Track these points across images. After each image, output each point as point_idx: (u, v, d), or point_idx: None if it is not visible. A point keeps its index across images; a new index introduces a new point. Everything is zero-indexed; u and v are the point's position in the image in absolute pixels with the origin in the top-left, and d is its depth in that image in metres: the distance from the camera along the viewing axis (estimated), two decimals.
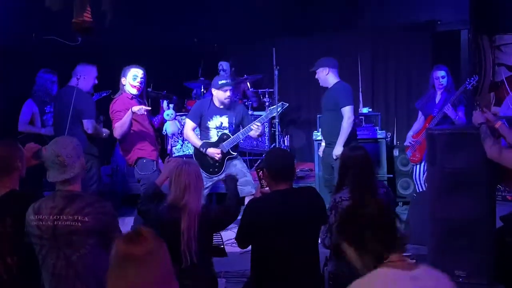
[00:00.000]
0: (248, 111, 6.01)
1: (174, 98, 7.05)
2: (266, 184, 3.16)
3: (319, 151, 5.66)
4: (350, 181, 3.34)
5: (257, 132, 5.15)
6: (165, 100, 6.40)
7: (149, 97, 6.81)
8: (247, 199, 5.02)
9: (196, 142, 5.18)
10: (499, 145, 3.43)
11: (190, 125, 5.23)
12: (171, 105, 5.75)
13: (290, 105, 5.47)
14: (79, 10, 4.13)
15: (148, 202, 3.23)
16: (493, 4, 6.51)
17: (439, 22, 7.31)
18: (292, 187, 3.08)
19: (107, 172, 6.64)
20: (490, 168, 3.55)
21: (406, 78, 7.73)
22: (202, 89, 7.45)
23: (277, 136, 6.19)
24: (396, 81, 7.83)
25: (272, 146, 7.04)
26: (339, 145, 5.01)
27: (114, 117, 4.87)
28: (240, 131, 5.18)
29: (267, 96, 7.42)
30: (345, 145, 4.86)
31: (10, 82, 5.88)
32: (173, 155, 6.65)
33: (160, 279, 1.75)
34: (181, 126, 6.88)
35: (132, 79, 4.91)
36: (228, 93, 5.08)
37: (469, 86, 5.41)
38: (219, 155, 5.06)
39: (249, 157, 7.21)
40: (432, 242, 3.84)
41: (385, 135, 6.45)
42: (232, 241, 3.29)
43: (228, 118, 5.16)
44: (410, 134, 5.83)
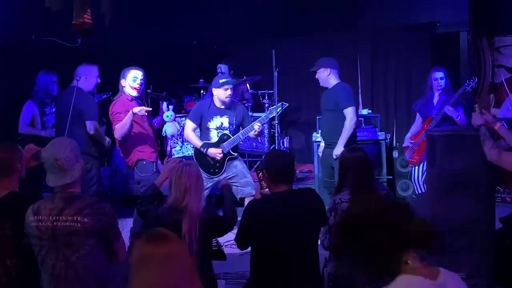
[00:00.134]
0: (248, 111, 6.00)
1: (174, 101, 7.07)
2: (266, 186, 3.16)
3: (319, 151, 5.67)
4: (350, 182, 3.35)
5: (258, 132, 5.15)
6: (164, 102, 6.42)
7: (148, 99, 6.81)
8: (247, 200, 5.02)
9: (196, 143, 5.18)
10: (498, 147, 3.43)
11: (190, 126, 5.23)
12: (171, 107, 5.77)
13: (289, 106, 5.47)
14: (79, 11, 4.12)
15: (148, 203, 3.23)
16: (493, 6, 6.50)
17: (438, 24, 7.32)
18: (292, 188, 3.08)
19: (107, 173, 6.64)
20: (490, 170, 3.55)
21: (405, 80, 7.73)
22: (201, 90, 7.46)
23: (276, 138, 6.19)
24: (395, 82, 7.82)
25: (271, 147, 7.05)
26: (340, 145, 5.00)
27: (114, 118, 4.87)
28: (240, 132, 5.17)
29: (266, 97, 7.42)
30: (345, 146, 4.86)
31: (10, 82, 5.88)
32: (172, 157, 6.65)
33: (184, 278, 1.74)
34: (181, 127, 6.88)
35: (132, 80, 4.91)
36: (229, 92, 5.07)
37: (468, 88, 5.41)
38: (220, 155, 5.06)
39: (249, 159, 7.20)
40: None
41: (384, 137, 6.46)
42: (231, 242, 3.29)
43: (228, 119, 5.16)
44: (408, 136, 5.83)
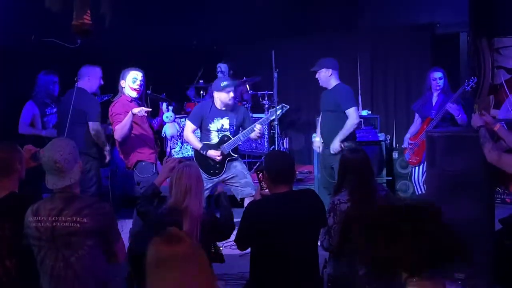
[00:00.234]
0: (248, 112, 5.99)
1: (174, 104, 7.06)
2: (266, 186, 3.16)
3: (314, 146, 5.62)
4: (349, 183, 3.34)
5: (259, 133, 5.15)
6: (164, 103, 6.40)
7: (148, 100, 6.81)
8: (247, 200, 5.02)
9: (196, 144, 5.17)
10: (498, 149, 3.42)
11: (190, 127, 5.22)
12: (170, 108, 5.74)
13: (289, 107, 5.46)
14: (79, 12, 4.12)
15: (147, 203, 3.21)
16: (492, 7, 6.51)
17: (438, 24, 7.33)
18: (292, 189, 3.08)
19: (106, 174, 6.61)
20: (489, 171, 3.55)
21: (405, 80, 7.73)
22: (201, 91, 7.46)
23: (276, 138, 6.18)
24: (395, 83, 7.83)
25: (271, 148, 7.04)
26: (337, 141, 5.03)
27: (114, 120, 4.86)
28: (241, 133, 5.16)
29: (266, 98, 7.42)
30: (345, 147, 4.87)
31: (10, 83, 5.87)
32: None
33: (203, 278, 1.74)
34: (180, 128, 6.87)
35: (131, 81, 4.90)
36: (231, 94, 5.06)
37: (468, 88, 5.40)
38: (219, 157, 5.06)
39: (248, 160, 7.19)
40: None
41: (384, 138, 6.45)
42: (231, 243, 3.28)
43: (229, 120, 5.15)
44: (408, 137, 5.82)
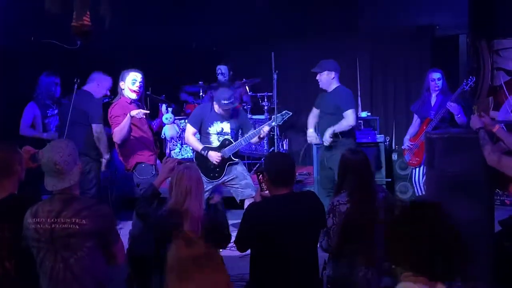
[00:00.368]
0: (247, 115, 5.98)
1: (173, 105, 7.05)
2: (266, 188, 3.15)
3: (310, 138, 5.49)
4: (349, 184, 3.34)
5: (262, 136, 5.14)
6: (163, 104, 6.40)
7: (147, 101, 6.80)
8: (247, 201, 5.01)
9: (197, 146, 5.17)
10: (498, 151, 3.42)
11: (190, 130, 5.22)
12: (170, 109, 5.73)
13: (288, 108, 5.43)
14: (79, 13, 4.12)
15: (147, 205, 3.20)
16: (492, 9, 6.52)
17: (437, 27, 7.34)
18: (292, 191, 3.07)
19: (106, 175, 6.61)
20: (489, 172, 3.55)
21: (405, 82, 7.74)
22: (201, 92, 7.46)
23: (276, 140, 6.19)
24: (395, 85, 7.84)
25: (270, 150, 7.04)
26: (328, 133, 5.09)
27: (113, 122, 4.83)
28: (243, 138, 5.16)
29: (265, 100, 7.42)
30: (345, 147, 4.85)
31: (10, 83, 5.86)
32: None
33: (219, 277, 1.75)
34: (180, 130, 6.88)
35: (131, 83, 4.87)
36: (230, 111, 5.09)
37: (467, 88, 5.41)
38: (219, 158, 5.05)
39: (248, 161, 7.19)
40: None
41: (383, 139, 6.45)
42: (231, 244, 3.28)
43: (229, 124, 5.15)
44: (407, 138, 5.82)
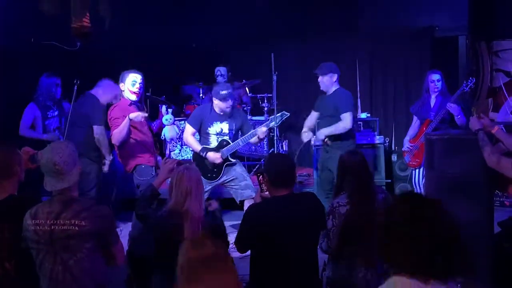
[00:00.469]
0: (247, 116, 5.98)
1: (173, 106, 7.05)
2: (266, 189, 3.15)
3: (303, 137, 5.46)
4: (348, 186, 3.34)
5: (261, 138, 5.14)
6: (163, 105, 6.40)
7: (147, 102, 6.80)
8: (247, 202, 5.01)
9: (196, 147, 5.17)
10: (498, 152, 3.43)
11: (190, 130, 5.22)
12: (170, 110, 5.73)
13: (288, 110, 5.43)
14: (78, 14, 4.13)
15: (146, 205, 3.19)
16: (491, 11, 6.52)
17: (437, 28, 7.34)
18: (292, 192, 3.07)
19: (106, 176, 6.62)
20: (488, 174, 3.55)
21: (404, 83, 7.74)
22: (200, 93, 7.46)
23: (275, 141, 6.19)
24: (394, 86, 7.84)
25: (270, 151, 7.04)
26: (323, 134, 5.16)
27: (112, 124, 4.81)
28: (240, 138, 5.16)
29: (265, 101, 7.42)
30: (344, 149, 4.84)
31: (10, 84, 5.85)
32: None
33: (229, 277, 1.74)
34: (180, 131, 6.87)
35: (131, 84, 4.85)
36: (230, 102, 5.07)
37: (467, 89, 5.41)
38: (219, 160, 5.06)
39: (248, 162, 7.19)
40: None
41: (383, 140, 6.46)
42: (231, 246, 3.27)
43: (228, 125, 5.15)
44: (407, 139, 5.82)
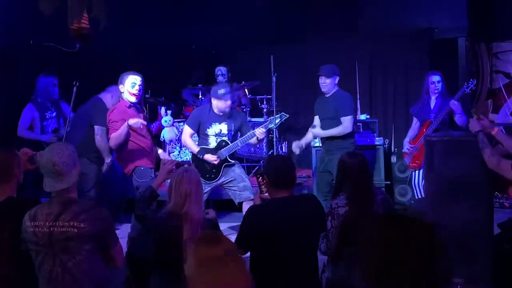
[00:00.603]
0: (247, 117, 5.97)
1: (172, 106, 7.04)
2: (266, 190, 3.15)
3: (301, 143, 5.45)
4: (347, 187, 3.34)
5: (260, 138, 5.14)
6: (163, 107, 6.40)
7: (147, 104, 6.80)
8: (245, 204, 5.00)
9: (194, 149, 5.17)
10: (497, 154, 3.43)
11: (188, 131, 5.22)
12: (169, 112, 5.75)
13: (287, 111, 5.43)
14: (76, 15, 4.13)
15: (145, 206, 3.18)
16: (491, 12, 6.53)
17: (436, 29, 7.34)
18: (292, 194, 3.06)
19: (105, 177, 6.61)
20: (488, 175, 3.55)
21: (404, 85, 7.74)
22: (200, 95, 7.46)
23: (274, 143, 6.18)
24: (394, 87, 7.83)
25: (270, 152, 7.03)
26: (321, 134, 5.24)
27: (111, 127, 4.78)
28: (239, 139, 5.15)
29: (264, 102, 7.42)
30: (344, 151, 4.84)
31: (10, 84, 5.84)
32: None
33: (240, 276, 1.74)
34: (179, 132, 6.87)
35: (130, 86, 4.82)
36: (228, 102, 5.07)
37: (468, 90, 5.41)
38: (216, 161, 5.05)
39: (247, 164, 7.18)
40: None
41: (382, 142, 6.45)
42: None
43: (227, 125, 5.15)
44: (407, 141, 5.82)
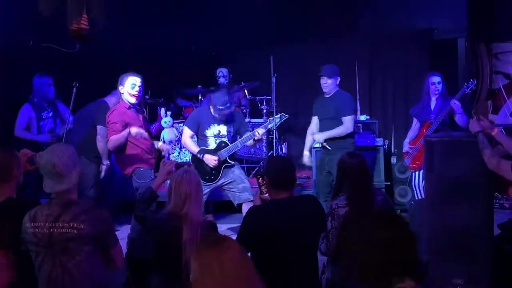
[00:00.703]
0: (245, 118, 5.97)
1: (172, 106, 7.04)
2: (266, 191, 3.14)
3: (307, 153, 5.50)
4: (347, 188, 3.34)
5: (258, 139, 5.13)
6: (162, 108, 6.40)
7: (146, 105, 6.80)
8: (245, 205, 5.00)
9: (193, 149, 5.17)
10: (497, 156, 3.43)
11: (188, 133, 5.22)
12: (169, 113, 5.75)
13: (287, 112, 5.44)
14: (75, 15, 4.13)
15: (145, 207, 3.18)
16: (491, 13, 6.53)
17: (436, 30, 7.35)
18: (292, 195, 3.06)
19: (104, 178, 6.61)
20: (488, 176, 3.55)
21: (403, 86, 7.75)
22: (199, 96, 7.46)
23: (274, 143, 6.18)
24: (394, 88, 7.85)
25: (269, 153, 7.03)
26: (323, 136, 5.18)
27: (109, 128, 4.77)
28: (239, 140, 5.15)
29: (264, 103, 7.41)
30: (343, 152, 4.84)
31: (9, 85, 5.84)
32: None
33: (250, 279, 1.74)
34: (179, 133, 6.87)
35: (130, 87, 4.80)
36: (226, 112, 5.09)
37: (468, 90, 5.41)
38: (215, 161, 5.05)
39: (247, 165, 7.18)
40: (430, 250, 3.83)
41: (382, 143, 6.45)
42: None
43: (226, 127, 5.15)
44: (407, 141, 5.82)
